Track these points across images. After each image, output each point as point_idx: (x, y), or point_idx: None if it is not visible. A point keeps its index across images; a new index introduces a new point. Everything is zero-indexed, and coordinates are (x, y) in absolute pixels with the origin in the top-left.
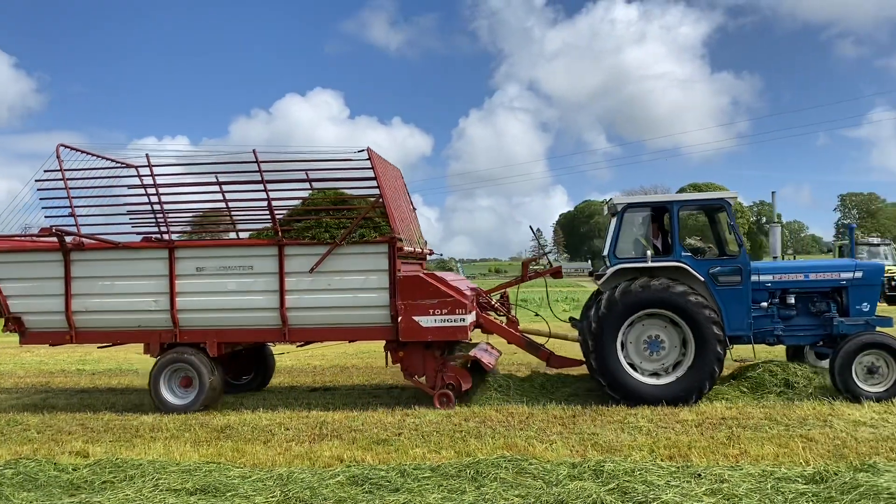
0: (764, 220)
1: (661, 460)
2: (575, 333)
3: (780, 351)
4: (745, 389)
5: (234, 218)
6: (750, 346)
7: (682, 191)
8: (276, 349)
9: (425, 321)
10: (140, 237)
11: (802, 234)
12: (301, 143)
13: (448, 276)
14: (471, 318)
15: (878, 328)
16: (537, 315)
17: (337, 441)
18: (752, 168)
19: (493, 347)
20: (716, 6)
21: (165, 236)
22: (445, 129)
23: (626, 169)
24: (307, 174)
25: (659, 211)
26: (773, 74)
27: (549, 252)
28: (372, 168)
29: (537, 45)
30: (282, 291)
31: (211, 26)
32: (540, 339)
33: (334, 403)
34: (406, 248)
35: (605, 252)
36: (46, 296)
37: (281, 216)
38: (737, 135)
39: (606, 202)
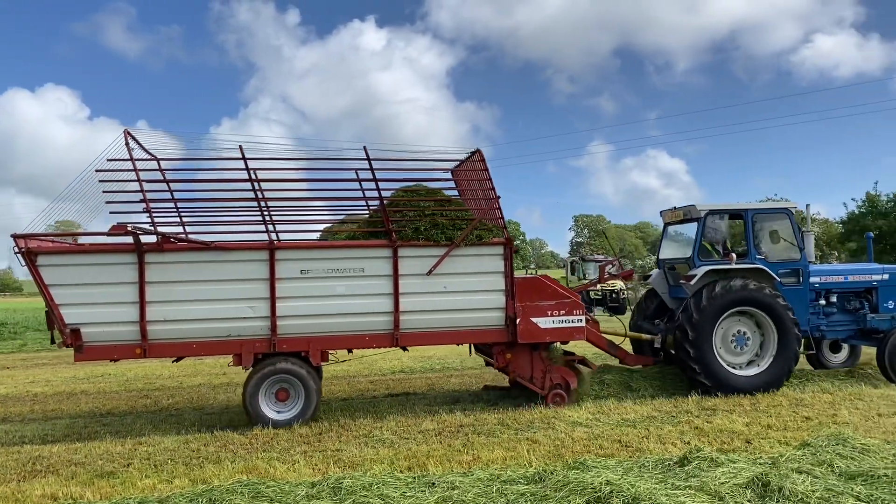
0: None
1: (400, 472)
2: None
3: None
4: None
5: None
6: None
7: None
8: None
9: (544, 322)
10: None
11: (543, 251)
12: (26, 141)
13: None
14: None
15: None
16: (612, 315)
17: (53, 477)
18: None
19: None
20: (456, 42)
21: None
22: (196, 136)
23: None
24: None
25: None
26: (508, 106)
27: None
28: (486, 170)
29: (288, 62)
30: (396, 294)
31: None
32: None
33: (54, 434)
34: None
35: (660, 254)
36: (114, 304)
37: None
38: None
39: (670, 210)
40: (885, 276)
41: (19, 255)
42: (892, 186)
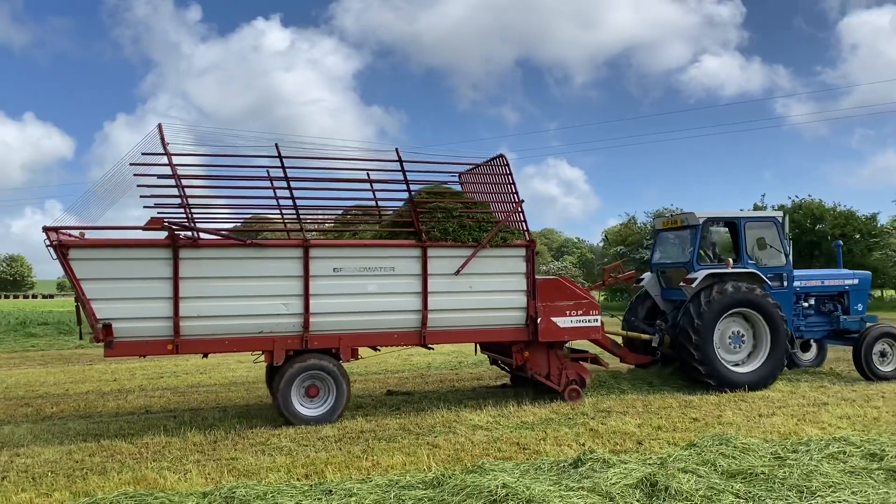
0: None
1: (297, 480)
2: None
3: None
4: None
5: (358, 217)
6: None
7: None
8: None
9: (563, 322)
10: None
11: None
12: None
13: None
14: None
15: (868, 324)
16: (613, 316)
17: None
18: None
19: None
20: (362, 46)
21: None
22: (90, 131)
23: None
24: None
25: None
26: (414, 111)
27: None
28: (510, 174)
29: (187, 59)
30: (425, 293)
31: None
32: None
33: None
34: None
35: (658, 259)
36: (147, 299)
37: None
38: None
39: (666, 217)
40: (856, 281)
41: (50, 249)
42: (777, 199)
